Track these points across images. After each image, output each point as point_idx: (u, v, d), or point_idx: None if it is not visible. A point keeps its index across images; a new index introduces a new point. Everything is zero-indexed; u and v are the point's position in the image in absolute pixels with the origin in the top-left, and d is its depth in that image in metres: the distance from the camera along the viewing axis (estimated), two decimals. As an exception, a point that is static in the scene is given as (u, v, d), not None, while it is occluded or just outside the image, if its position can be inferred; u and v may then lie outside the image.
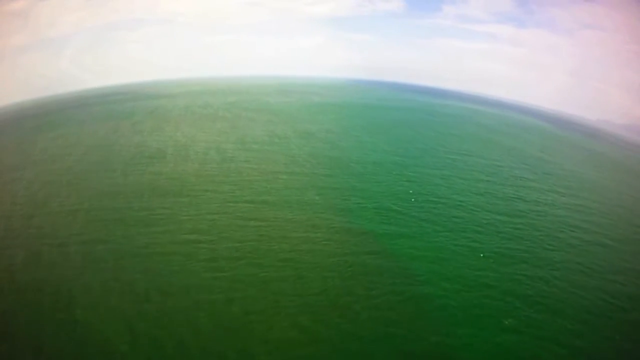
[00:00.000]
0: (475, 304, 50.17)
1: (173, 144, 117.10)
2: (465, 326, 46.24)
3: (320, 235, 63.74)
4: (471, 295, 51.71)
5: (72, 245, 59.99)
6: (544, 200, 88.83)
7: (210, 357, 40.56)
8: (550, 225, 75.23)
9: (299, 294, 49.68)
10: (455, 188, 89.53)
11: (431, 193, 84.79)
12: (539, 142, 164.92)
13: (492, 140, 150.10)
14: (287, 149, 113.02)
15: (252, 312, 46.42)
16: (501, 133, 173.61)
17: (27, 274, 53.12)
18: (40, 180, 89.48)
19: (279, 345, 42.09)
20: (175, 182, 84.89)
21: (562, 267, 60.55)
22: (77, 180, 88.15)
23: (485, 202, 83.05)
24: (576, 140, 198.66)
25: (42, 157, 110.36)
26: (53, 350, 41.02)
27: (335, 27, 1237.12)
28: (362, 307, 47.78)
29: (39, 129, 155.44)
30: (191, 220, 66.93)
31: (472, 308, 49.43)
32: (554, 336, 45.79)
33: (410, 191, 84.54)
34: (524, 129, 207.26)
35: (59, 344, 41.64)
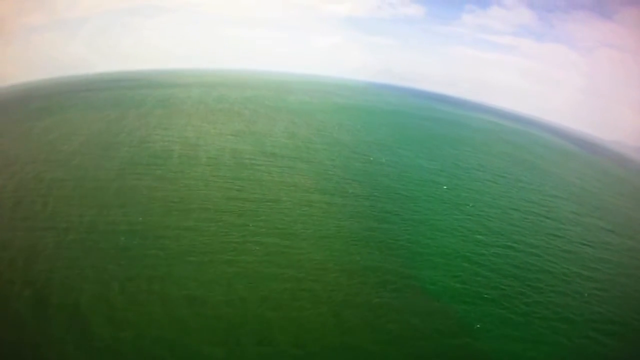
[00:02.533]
0: None
1: (182, 141, 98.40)
2: None
3: (385, 302, 44.63)
4: None
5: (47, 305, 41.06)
6: (610, 245, 72.70)
7: None
8: (633, 284, 60.02)
9: None
10: (521, 227, 71.83)
11: (501, 233, 66.89)
12: (573, 167, 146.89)
13: (530, 163, 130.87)
14: (314, 158, 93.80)
15: None
16: (535, 155, 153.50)
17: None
18: (27, 176, 72.49)
19: None
20: (180, 194, 66.04)
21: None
22: (67, 181, 70.55)
23: (558, 249, 66.01)
24: (605, 166, 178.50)
25: (37, 145, 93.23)
26: None
27: (353, 28, 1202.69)
28: None
29: (43, 112, 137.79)
30: (198, 266, 47.49)
31: None
32: None
33: (479, 235, 65.34)
34: (554, 149, 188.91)
35: None
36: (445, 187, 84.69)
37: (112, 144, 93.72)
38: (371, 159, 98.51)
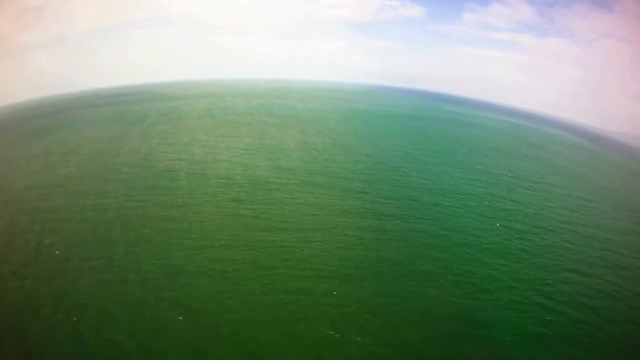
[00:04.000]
0: None
1: (188, 158, 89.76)
2: None
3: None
4: None
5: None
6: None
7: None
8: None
9: None
10: (575, 244, 62.90)
11: (559, 254, 58.47)
12: (593, 165, 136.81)
13: (554, 164, 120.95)
14: (336, 172, 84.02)
15: None
16: (555, 154, 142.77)
17: None
18: (22, 207, 64.52)
19: None
20: (190, 227, 56.59)
21: None
22: (65, 211, 62.31)
23: (614, 267, 58.12)
24: (619, 161, 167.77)
25: (33, 169, 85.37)
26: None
27: (355, 32, 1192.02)
28: None
29: (40, 132, 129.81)
30: (232, 332, 36.98)
31: None
32: None
33: (540, 259, 56.03)
34: (569, 147, 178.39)
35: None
36: (487, 202, 74.93)
37: (113, 165, 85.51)
38: (399, 171, 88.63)
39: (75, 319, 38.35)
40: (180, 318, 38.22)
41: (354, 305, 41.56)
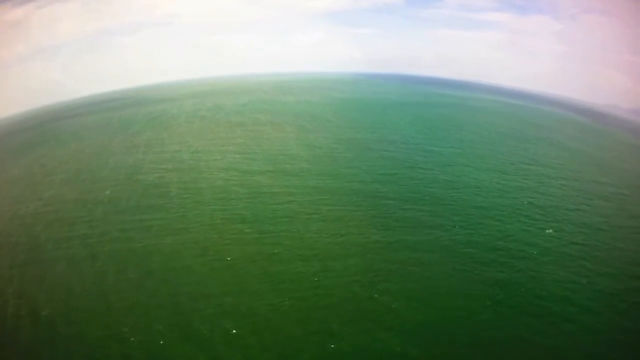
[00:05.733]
0: None
1: (179, 169, 78.90)
2: None
3: None
4: None
5: None
6: None
7: None
8: None
9: None
10: (627, 244, 53.41)
11: (613, 256, 48.99)
12: (601, 144, 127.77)
13: (569, 148, 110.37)
14: (348, 174, 72.91)
15: None
16: (564, 135, 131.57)
17: None
18: None
19: None
20: (196, 272, 44.51)
21: None
22: (37, 254, 50.86)
23: None
24: (621, 137, 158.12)
25: (10, 194, 75.24)
26: None
27: (335, 22, 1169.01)
28: None
29: (23, 148, 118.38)
30: None
31: None
32: None
33: (600, 268, 46.55)
34: (572, 125, 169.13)
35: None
36: (525, 201, 64.13)
37: (99, 183, 74.29)
38: (418, 168, 77.55)
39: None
40: None
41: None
